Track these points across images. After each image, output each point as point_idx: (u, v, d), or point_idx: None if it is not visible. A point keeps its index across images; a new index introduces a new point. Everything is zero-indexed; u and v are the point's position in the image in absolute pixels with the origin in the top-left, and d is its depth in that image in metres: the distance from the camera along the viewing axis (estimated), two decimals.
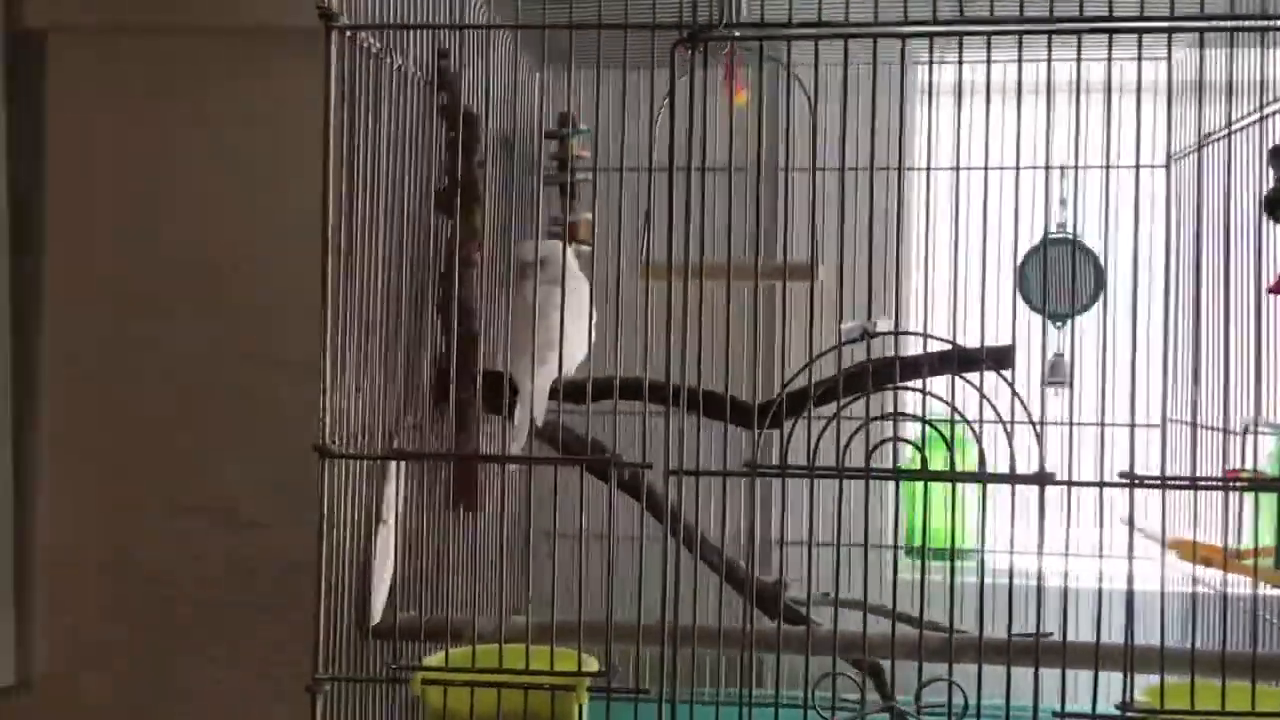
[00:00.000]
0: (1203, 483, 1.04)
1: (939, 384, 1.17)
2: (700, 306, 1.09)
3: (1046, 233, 1.75)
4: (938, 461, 1.07)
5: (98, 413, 1.88)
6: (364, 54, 1.16)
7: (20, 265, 1.93)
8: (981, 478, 1.04)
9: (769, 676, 1.12)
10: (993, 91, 1.89)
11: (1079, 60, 1.25)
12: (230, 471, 1.75)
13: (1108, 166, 1.77)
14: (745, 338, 1.17)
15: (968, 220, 1.64)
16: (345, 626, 1.14)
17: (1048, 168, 1.74)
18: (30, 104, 1.92)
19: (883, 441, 1.05)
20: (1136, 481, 1.03)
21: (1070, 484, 1.05)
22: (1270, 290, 1.48)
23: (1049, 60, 1.24)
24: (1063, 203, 1.75)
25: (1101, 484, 1.04)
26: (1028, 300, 1.74)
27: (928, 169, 1.87)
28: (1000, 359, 1.23)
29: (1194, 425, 1.36)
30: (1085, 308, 1.74)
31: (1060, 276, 1.74)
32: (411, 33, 1.26)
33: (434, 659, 1.14)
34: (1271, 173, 1.44)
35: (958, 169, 1.19)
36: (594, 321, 1.39)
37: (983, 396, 1.12)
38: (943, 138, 1.80)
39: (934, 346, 1.16)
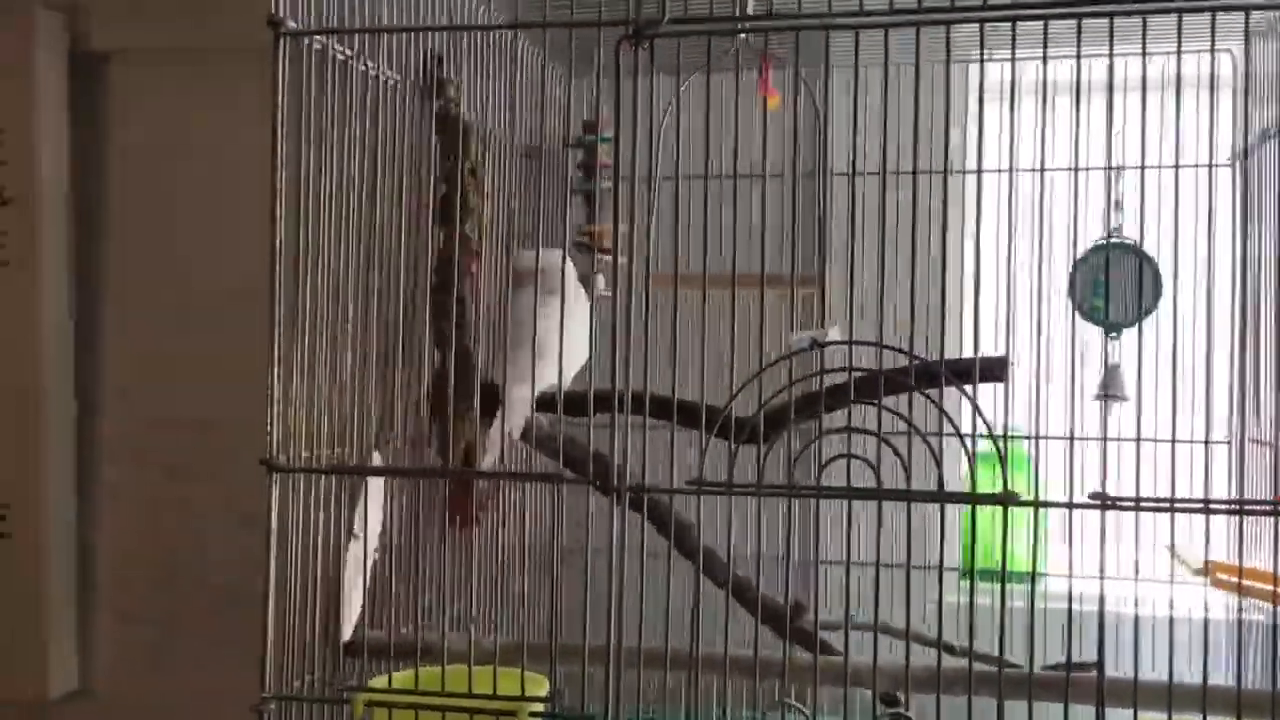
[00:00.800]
0: (1180, 505, 0.95)
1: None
2: (704, 316, 1.04)
3: (1111, 236, 1.66)
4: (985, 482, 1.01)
5: (158, 418, 1.92)
6: (330, 61, 1.15)
7: (85, 279, 1.99)
8: (940, 497, 0.97)
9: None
10: (1043, 89, 1.80)
11: (1144, 52, 1.17)
12: None
13: (1177, 166, 1.68)
14: (751, 348, 1.11)
15: (1015, 225, 1.57)
16: (306, 643, 1.13)
17: (1108, 168, 1.66)
18: (95, 120, 1.98)
19: (832, 459, 0.99)
20: (1108, 503, 0.95)
21: (1036, 504, 0.97)
22: None
23: (1110, 54, 1.13)
24: (1118, 205, 1.64)
25: (1070, 505, 0.96)
26: (1079, 309, 1.65)
27: (978, 172, 1.79)
28: (994, 371, 1.16)
29: (1240, 441, 1.26)
30: (1142, 317, 1.64)
31: (1115, 284, 1.64)
32: (402, 40, 1.24)
33: (379, 680, 1.12)
34: None
35: (1013, 170, 1.10)
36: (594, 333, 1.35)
37: (976, 409, 1.05)
38: (986, 138, 1.72)
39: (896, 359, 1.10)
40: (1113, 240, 1.65)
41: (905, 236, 1.07)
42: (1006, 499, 0.96)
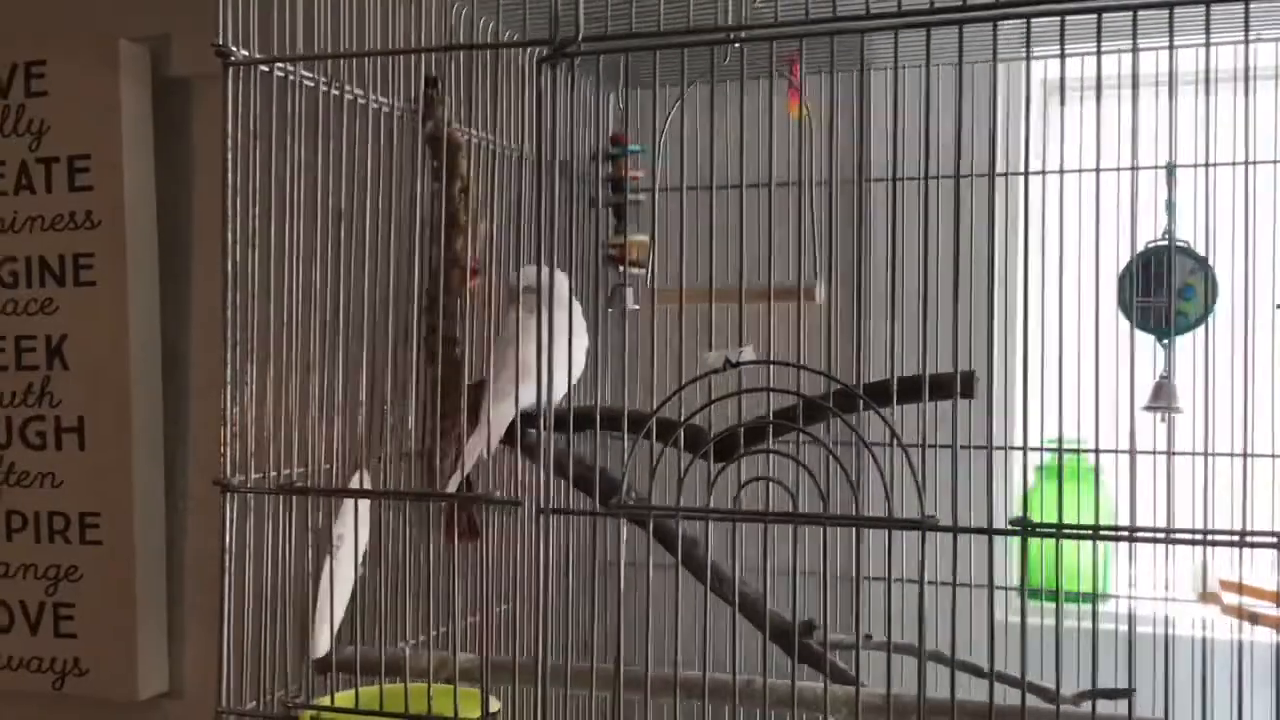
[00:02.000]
0: (1104, 532, 0.89)
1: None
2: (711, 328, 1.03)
3: (1171, 237, 1.57)
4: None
5: None
6: (299, 88, 1.17)
7: (171, 298, 2.07)
8: (856, 521, 0.94)
9: None
10: (1087, 84, 1.73)
11: (1208, 43, 1.11)
12: None
13: (1248, 162, 1.58)
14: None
15: (1061, 228, 1.50)
16: (275, 658, 1.15)
17: (1171, 167, 1.57)
18: (179, 137, 2.06)
19: (748, 481, 0.96)
20: (1030, 530, 0.90)
21: (956, 530, 0.92)
22: None
23: (1170, 47, 1.07)
24: (1169, 206, 1.56)
25: (991, 531, 0.91)
26: (1127, 315, 1.56)
27: (1024, 174, 1.72)
28: (959, 386, 1.11)
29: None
30: (1195, 324, 1.55)
31: (1167, 289, 1.55)
32: (390, 64, 1.26)
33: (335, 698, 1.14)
34: None
35: (1063, 172, 1.05)
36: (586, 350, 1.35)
37: (895, 436, 1.01)
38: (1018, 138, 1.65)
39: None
40: (1166, 242, 1.56)
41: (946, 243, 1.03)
42: (924, 524, 0.92)
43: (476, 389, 1.33)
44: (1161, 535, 0.88)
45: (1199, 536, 0.94)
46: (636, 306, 1.62)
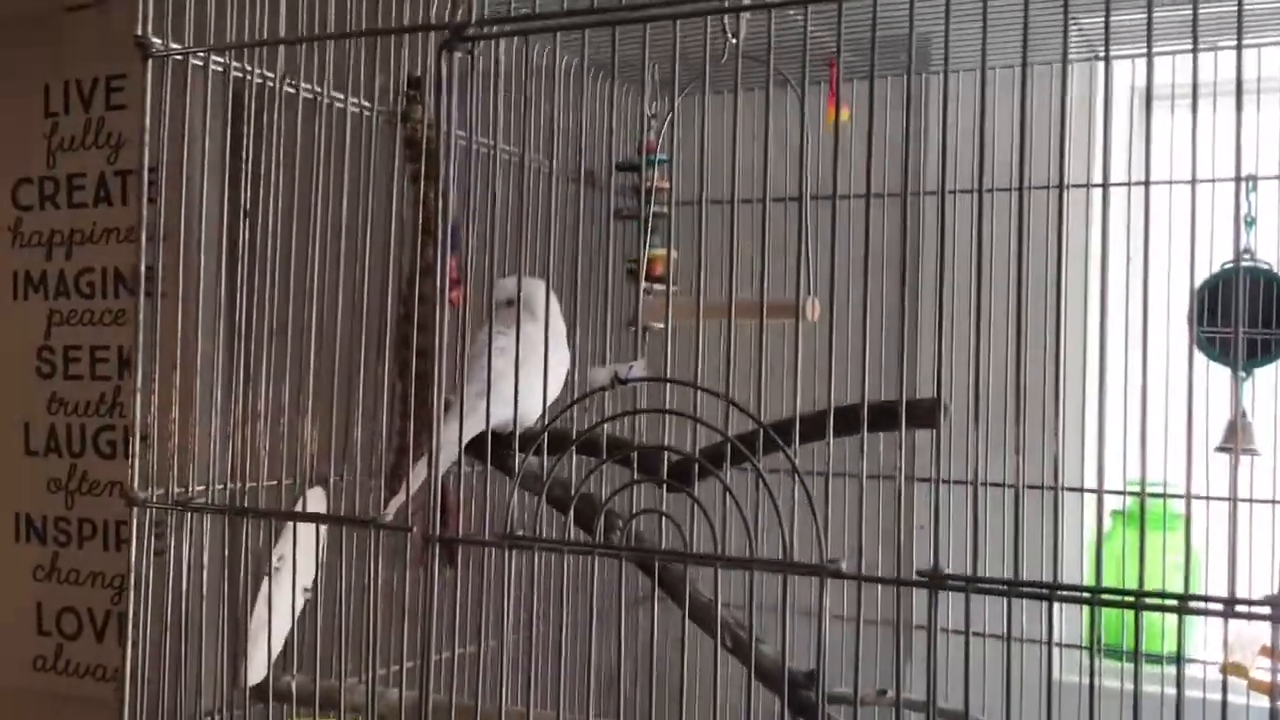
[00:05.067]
0: (1026, 590, 0.75)
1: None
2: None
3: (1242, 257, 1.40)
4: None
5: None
6: (249, 85, 1.12)
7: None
8: (752, 564, 0.82)
9: None
10: (1158, 93, 1.57)
11: None
12: None
13: None
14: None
15: (1128, 244, 1.35)
16: (200, 681, 1.09)
17: (1250, 179, 1.39)
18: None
19: (609, 498, 0.85)
20: (941, 581, 0.76)
21: (861, 579, 0.79)
22: None
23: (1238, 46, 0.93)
24: (1250, 222, 1.38)
25: (899, 582, 0.78)
26: (1201, 344, 1.38)
27: (1086, 186, 1.57)
28: (923, 416, 0.97)
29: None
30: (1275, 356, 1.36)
31: (1246, 314, 1.36)
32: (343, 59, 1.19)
33: None
34: None
35: (1145, 184, 0.91)
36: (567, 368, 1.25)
37: (794, 467, 0.88)
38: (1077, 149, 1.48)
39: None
40: (1244, 263, 1.38)
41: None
42: (823, 570, 0.79)
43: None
44: (1128, 597, 0.73)
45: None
46: (659, 325, 1.51)
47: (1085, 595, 0.76)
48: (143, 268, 1.09)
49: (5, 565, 2.21)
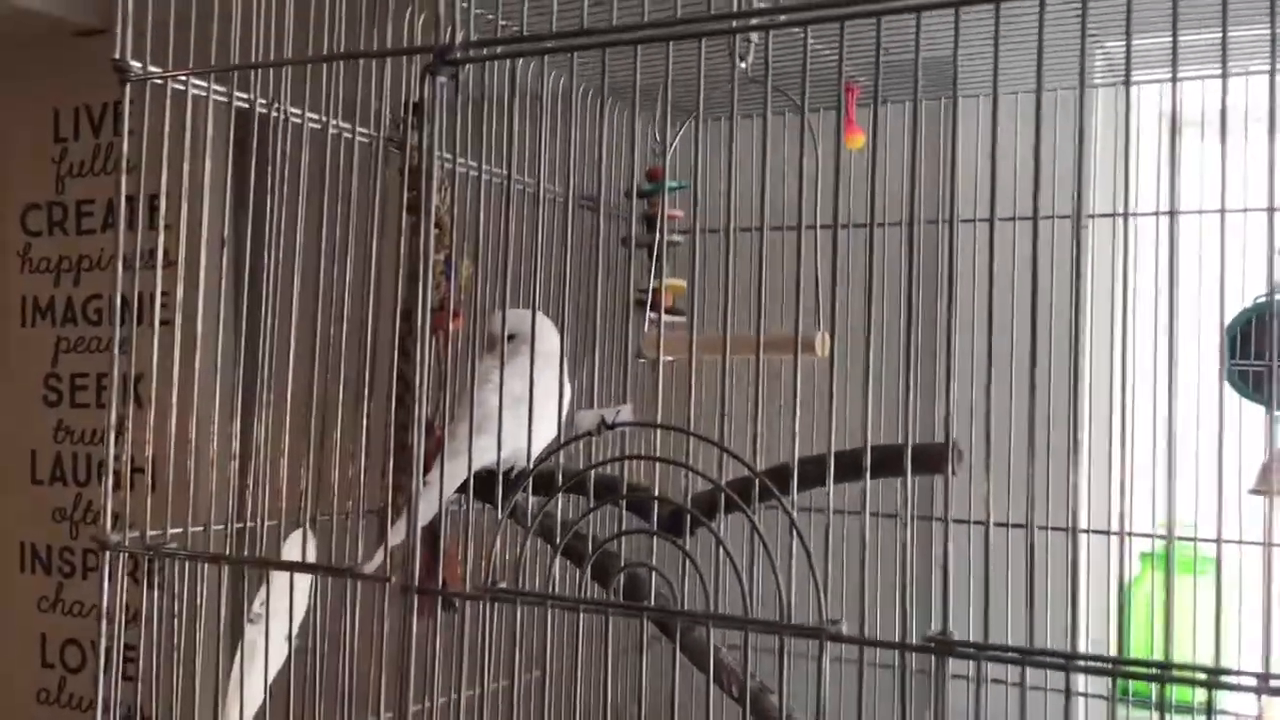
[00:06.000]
0: (1041, 659, 0.69)
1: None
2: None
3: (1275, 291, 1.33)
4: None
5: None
6: (230, 110, 1.08)
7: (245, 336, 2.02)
8: (747, 625, 0.76)
9: None
10: (1188, 119, 1.51)
11: None
12: None
13: None
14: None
15: (1155, 275, 1.29)
16: None
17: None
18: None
19: (599, 546, 0.79)
20: (949, 648, 0.71)
21: (863, 643, 0.74)
22: None
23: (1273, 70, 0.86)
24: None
25: (904, 647, 0.73)
26: (1233, 381, 1.32)
27: (1113, 215, 1.53)
28: (931, 461, 0.92)
29: None
30: None
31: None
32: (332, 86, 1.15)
33: None
34: None
35: (1171, 213, 0.85)
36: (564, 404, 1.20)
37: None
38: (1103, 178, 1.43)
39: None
40: (1278, 296, 1.31)
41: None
42: (823, 633, 0.74)
43: (438, 445, 1.19)
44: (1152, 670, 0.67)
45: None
46: (668, 358, 1.46)
47: (1107, 666, 0.70)
48: (118, 298, 1.04)
49: (10, 596, 2.18)
